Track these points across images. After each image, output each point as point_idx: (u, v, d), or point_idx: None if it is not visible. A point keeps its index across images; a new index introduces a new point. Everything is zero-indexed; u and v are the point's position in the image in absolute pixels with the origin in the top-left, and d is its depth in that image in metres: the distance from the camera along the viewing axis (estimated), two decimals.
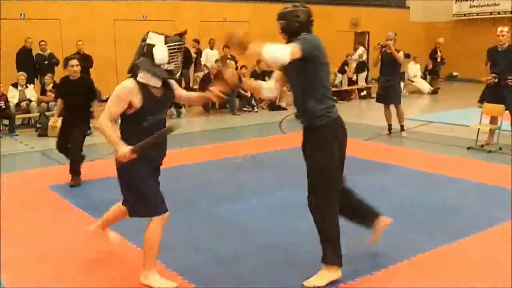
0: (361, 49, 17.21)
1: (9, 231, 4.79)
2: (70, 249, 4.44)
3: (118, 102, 3.49)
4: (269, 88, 3.89)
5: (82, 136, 6.51)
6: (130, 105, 3.50)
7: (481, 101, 8.39)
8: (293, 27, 3.64)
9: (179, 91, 3.92)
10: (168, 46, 3.48)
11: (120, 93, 3.49)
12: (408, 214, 5.20)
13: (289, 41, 3.63)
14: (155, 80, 3.53)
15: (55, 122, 6.89)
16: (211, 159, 7.72)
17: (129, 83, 3.51)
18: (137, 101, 3.49)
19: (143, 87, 3.52)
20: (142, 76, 3.51)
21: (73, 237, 4.73)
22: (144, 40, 3.53)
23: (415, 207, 5.42)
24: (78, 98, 6.41)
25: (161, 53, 3.46)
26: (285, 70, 3.72)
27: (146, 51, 3.49)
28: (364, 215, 4.14)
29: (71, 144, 6.44)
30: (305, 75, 3.60)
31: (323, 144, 3.65)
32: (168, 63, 3.51)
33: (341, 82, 15.76)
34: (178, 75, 3.68)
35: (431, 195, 5.82)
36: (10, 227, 4.88)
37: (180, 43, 3.57)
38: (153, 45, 3.47)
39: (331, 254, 3.72)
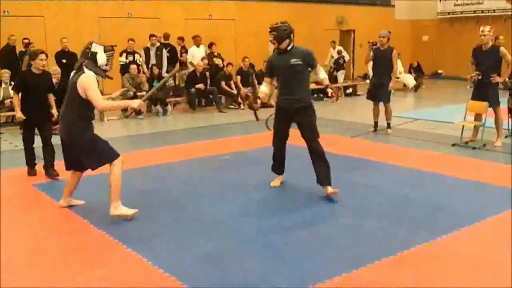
0: (339, 47, 17.25)
1: None
2: (57, 248, 4.42)
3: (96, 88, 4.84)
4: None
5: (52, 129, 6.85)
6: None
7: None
8: (282, 37, 5.53)
9: None
10: (106, 54, 4.93)
11: (94, 81, 4.85)
12: (393, 210, 5.24)
13: (277, 47, 5.60)
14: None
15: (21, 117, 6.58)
16: (196, 157, 7.71)
17: (92, 75, 4.87)
18: None
19: None
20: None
21: (60, 236, 4.71)
22: (89, 48, 4.92)
23: (400, 203, 5.46)
24: (42, 92, 6.59)
25: (102, 59, 4.92)
26: (297, 71, 5.59)
27: (91, 56, 4.89)
28: (280, 165, 6.10)
29: (47, 138, 6.62)
30: (307, 74, 5.76)
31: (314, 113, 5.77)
32: (106, 65, 4.97)
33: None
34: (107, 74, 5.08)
35: (416, 191, 5.86)
36: None
37: (112, 52, 5.02)
38: (96, 52, 4.89)
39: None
